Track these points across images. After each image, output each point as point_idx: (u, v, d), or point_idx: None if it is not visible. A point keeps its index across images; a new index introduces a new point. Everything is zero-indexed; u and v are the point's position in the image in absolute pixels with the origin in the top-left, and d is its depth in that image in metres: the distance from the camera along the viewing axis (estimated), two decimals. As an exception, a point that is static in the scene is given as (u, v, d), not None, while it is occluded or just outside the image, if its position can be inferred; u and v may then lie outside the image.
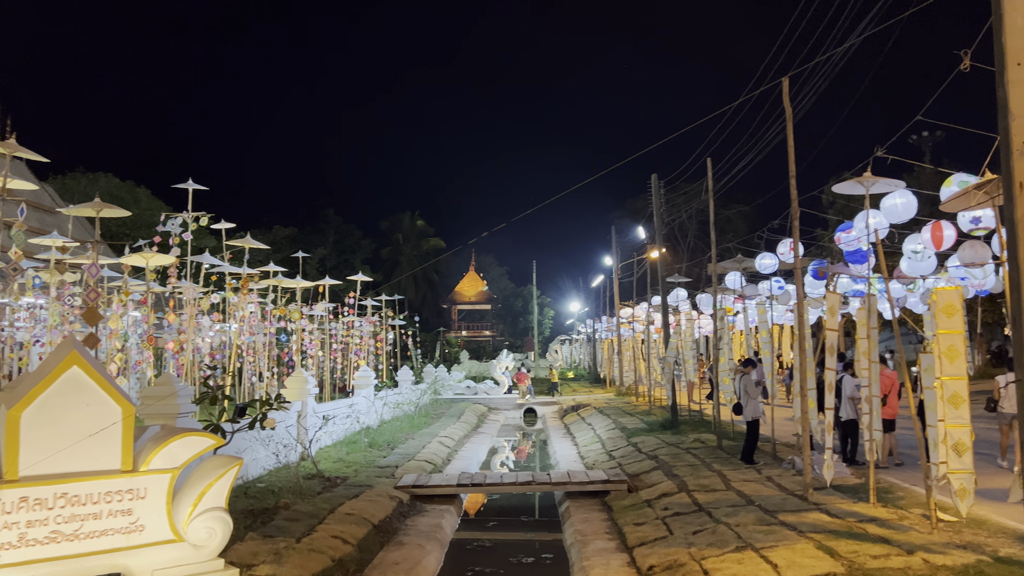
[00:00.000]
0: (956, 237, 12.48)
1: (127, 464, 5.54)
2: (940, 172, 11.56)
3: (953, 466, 8.10)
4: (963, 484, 8.13)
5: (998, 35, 5.48)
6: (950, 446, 8.11)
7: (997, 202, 7.66)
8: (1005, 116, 5.41)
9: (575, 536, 10.56)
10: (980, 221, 10.82)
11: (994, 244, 12.04)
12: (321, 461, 14.57)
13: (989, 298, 25.48)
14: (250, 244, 19.30)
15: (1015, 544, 7.62)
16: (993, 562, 7.01)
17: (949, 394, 8.13)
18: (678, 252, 53.25)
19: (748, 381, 13.86)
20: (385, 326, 31.28)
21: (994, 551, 7.44)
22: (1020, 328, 5.32)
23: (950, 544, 7.72)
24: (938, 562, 7.04)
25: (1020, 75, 5.40)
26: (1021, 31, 5.43)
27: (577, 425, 24.69)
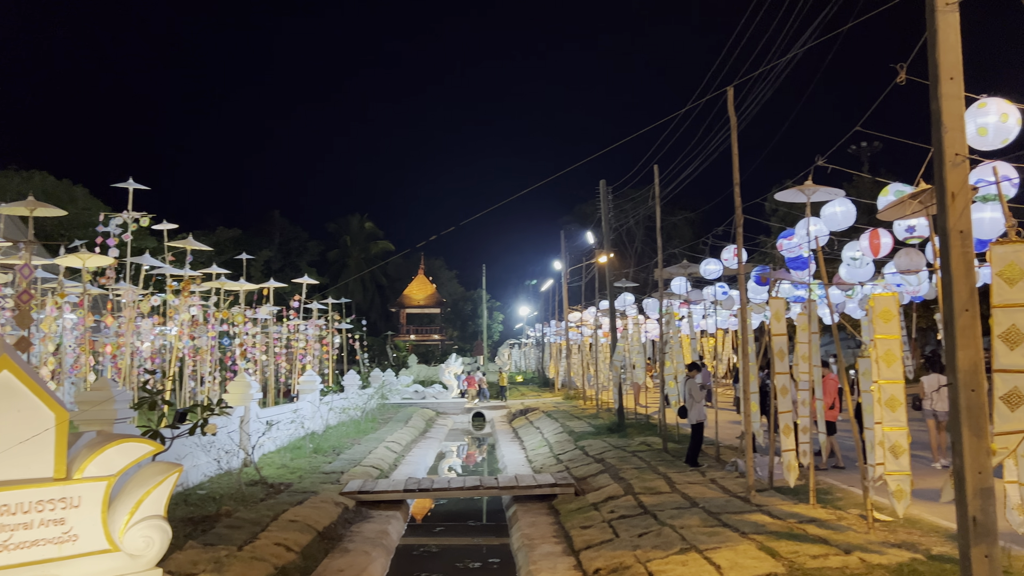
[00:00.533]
0: (892, 245, 12.84)
1: (60, 472, 5.35)
2: (878, 182, 11.89)
3: (890, 468, 8.33)
4: (900, 485, 8.36)
5: (932, 50, 5.67)
6: (887, 448, 8.34)
7: (931, 211, 7.91)
8: (938, 128, 5.59)
9: (522, 540, 10.56)
10: (915, 230, 11.15)
11: (928, 252, 12.45)
12: (264, 467, 14.30)
13: (923, 304, 26.34)
14: (192, 245, 18.87)
15: (947, 542, 7.88)
16: (926, 560, 7.23)
17: (886, 397, 8.36)
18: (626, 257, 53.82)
19: (693, 385, 14.06)
20: (331, 330, 30.87)
21: (927, 550, 7.68)
22: (952, 333, 5.50)
23: (886, 543, 7.94)
24: (874, 561, 7.24)
25: (953, 89, 5.59)
26: (954, 47, 5.62)
27: (525, 429, 24.73)
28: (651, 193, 18.28)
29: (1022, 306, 5.52)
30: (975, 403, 5.38)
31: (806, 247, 11.69)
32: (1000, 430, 5.56)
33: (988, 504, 5.30)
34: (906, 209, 8.06)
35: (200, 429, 9.15)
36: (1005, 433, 5.55)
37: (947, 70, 5.59)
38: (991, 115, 7.92)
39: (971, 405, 5.38)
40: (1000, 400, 5.56)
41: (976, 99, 7.97)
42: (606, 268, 24.05)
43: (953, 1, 5.62)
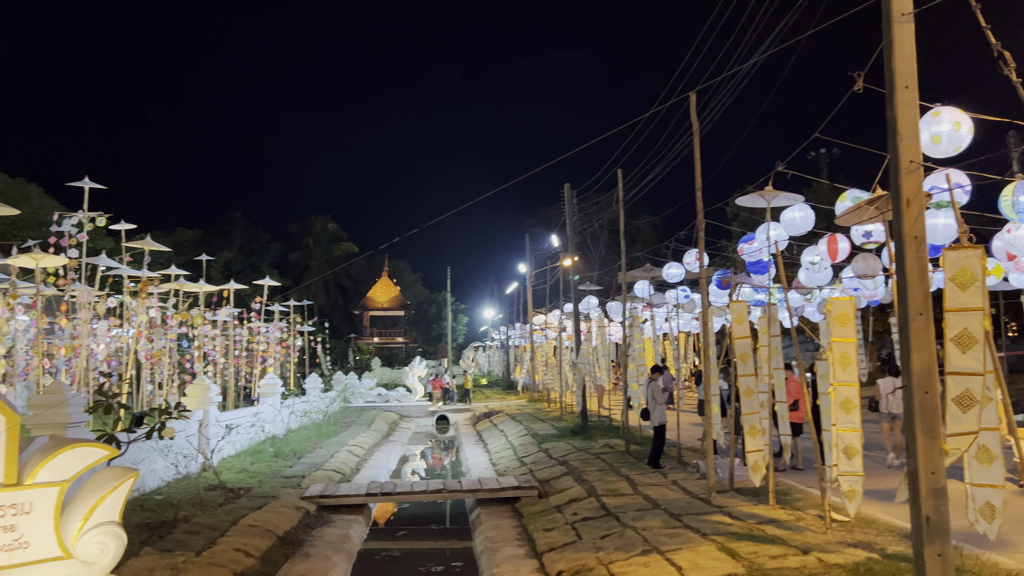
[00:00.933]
0: (850, 250, 13.10)
1: (11, 477, 5.21)
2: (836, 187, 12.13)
3: (843, 468, 8.49)
4: (852, 486, 8.53)
5: (888, 60, 5.79)
6: (841, 449, 8.50)
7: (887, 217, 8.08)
8: (894, 136, 5.72)
9: (485, 543, 10.55)
10: (871, 235, 11.39)
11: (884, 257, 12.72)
12: (224, 472, 14.09)
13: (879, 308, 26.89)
14: (150, 246, 18.52)
15: (902, 542, 8.04)
16: (882, 559, 7.37)
17: (841, 399, 8.52)
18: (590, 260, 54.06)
19: (655, 387, 14.17)
20: (293, 332, 30.53)
21: (883, 549, 7.84)
22: (907, 337, 5.62)
23: (843, 543, 8.08)
24: (831, 560, 7.36)
25: (908, 97, 5.72)
26: (909, 56, 5.75)
27: (489, 432, 24.71)
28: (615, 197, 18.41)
29: (974, 310, 5.66)
30: (929, 405, 5.50)
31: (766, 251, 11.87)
32: (952, 431, 5.70)
33: (941, 504, 5.42)
34: (863, 215, 8.22)
35: (157, 433, 8.97)
36: (957, 434, 5.69)
37: (902, 79, 5.72)
38: (945, 123, 8.13)
39: (925, 407, 5.50)
40: (952, 402, 5.70)
41: (930, 108, 8.17)
42: (570, 271, 24.15)
43: (908, 12, 5.75)
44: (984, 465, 5.94)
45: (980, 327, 5.61)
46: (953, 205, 6.58)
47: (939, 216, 9.72)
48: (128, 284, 18.46)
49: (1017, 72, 5.96)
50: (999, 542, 8.02)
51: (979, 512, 6.04)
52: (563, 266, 31.68)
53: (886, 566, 7.10)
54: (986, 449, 5.83)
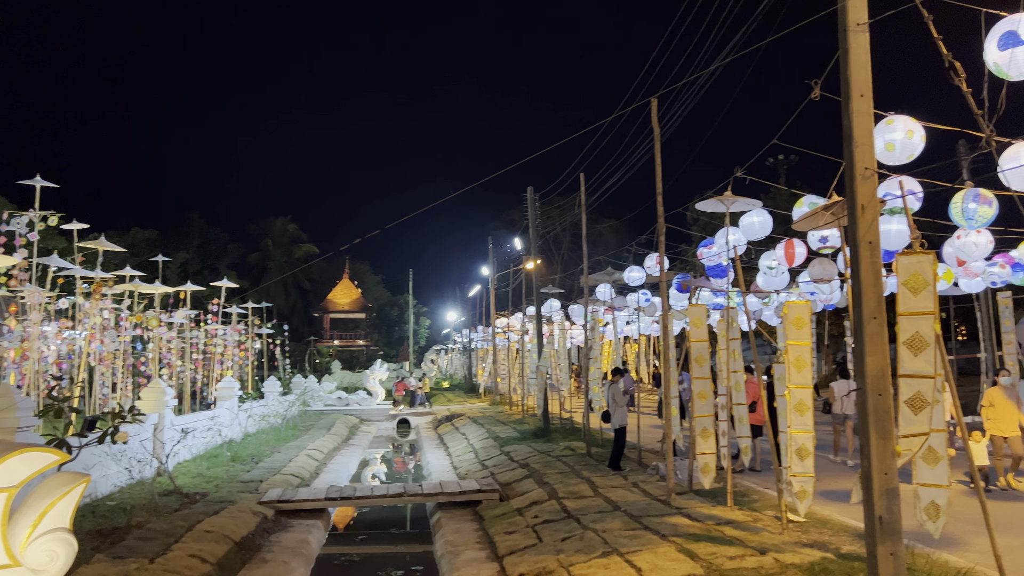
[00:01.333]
0: (806, 254, 13.34)
1: (-46, 484, 5.04)
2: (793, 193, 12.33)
3: (796, 469, 8.64)
4: (803, 486, 8.69)
5: (844, 68, 5.91)
6: (794, 451, 8.64)
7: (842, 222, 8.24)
8: (850, 143, 5.84)
9: (446, 547, 10.50)
10: (827, 240, 11.61)
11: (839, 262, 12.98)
12: (179, 476, 13.83)
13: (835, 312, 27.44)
14: (104, 246, 18.12)
15: (856, 541, 8.20)
16: (836, 559, 7.51)
17: (796, 402, 8.66)
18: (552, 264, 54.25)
19: (616, 390, 14.26)
20: (251, 335, 30.10)
21: (837, 548, 7.98)
22: (861, 340, 5.73)
23: (799, 543, 8.20)
24: (787, 561, 7.47)
25: (863, 106, 5.84)
26: (864, 65, 5.88)
27: (451, 435, 24.63)
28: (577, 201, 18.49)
29: (925, 314, 5.80)
30: (882, 407, 5.62)
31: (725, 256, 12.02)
32: (905, 433, 5.82)
33: (893, 504, 5.54)
34: (819, 220, 8.37)
35: (110, 437, 8.77)
36: (909, 435, 5.82)
37: (858, 87, 5.85)
38: (898, 131, 8.32)
39: (878, 409, 5.61)
40: (905, 404, 5.82)
41: (884, 116, 8.36)
42: (533, 274, 24.21)
43: (864, 22, 5.88)
44: (930, 465, 6.08)
45: (931, 331, 5.75)
46: (906, 211, 6.73)
47: (892, 222, 9.95)
48: (81, 285, 18.03)
49: (967, 83, 6.12)
50: (949, 541, 8.23)
51: (924, 511, 6.18)
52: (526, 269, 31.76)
53: (840, 565, 7.24)
54: (932, 450, 5.97)
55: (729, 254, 10.97)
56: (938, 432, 6.01)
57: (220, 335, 26.01)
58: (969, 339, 37.39)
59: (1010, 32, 6.40)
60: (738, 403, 11.47)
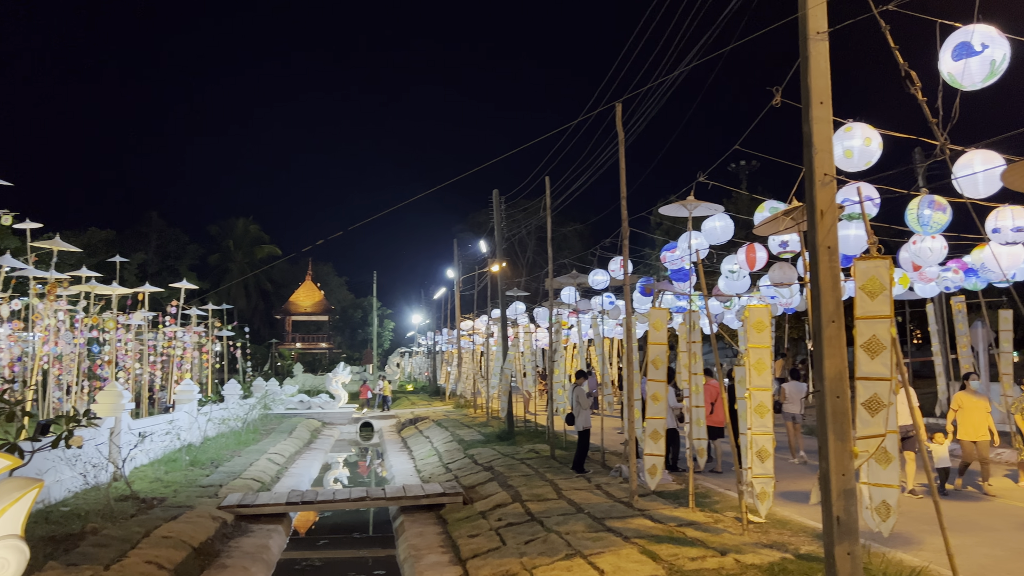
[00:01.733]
0: (767, 259, 13.54)
1: (-102, 490, 4.88)
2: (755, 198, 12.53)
3: (757, 471, 8.76)
4: (764, 488, 8.80)
5: (804, 76, 6.01)
6: (755, 452, 8.76)
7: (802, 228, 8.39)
8: (809, 149, 5.93)
9: (409, 551, 10.44)
10: (787, 245, 11.80)
11: (799, 266, 13.19)
12: (136, 481, 13.56)
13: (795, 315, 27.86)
14: (59, 246, 17.71)
15: (815, 542, 8.33)
16: (795, 559, 7.62)
17: (756, 404, 8.78)
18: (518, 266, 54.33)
19: (580, 392, 14.32)
20: (211, 337, 29.65)
21: (796, 549, 8.10)
22: (820, 343, 5.83)
23: (759, 544, 8.31)
24: (748, 561, 7.56)
25: (823, 113, 5.95)
26: (823, 73, 5.99)
27: (415, 439, 24.52)
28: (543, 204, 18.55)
29: (882, 318, 5.91)
30: (840, 409, 5.71)
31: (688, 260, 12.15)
32: (862, 434, 5.93)
33: (851, 504, 5.64)
34: (780, 225, 8.51)
35: (64, 442, 8.56)
36: (866, 437, 5.93)
37: (817, 95, 5.95)
38: (856, 138, 8.48)
39: (836, 411, 5.71)
40: (862, 406, 5.93)
41: (843, 123, 8.51)
42: (498, 277, 24.21)
43: (823, 31, 5.99)
44: (882, 466, 6.20)
45: (888, 334, 5.86)
46: (863, 217, 6.87)
47: (850, 227, 10.13)
48: (35, 286, 17.61)
49: (923, 92, 6.26)
50: (904, 540, 8.40)
51: (875, 511, 6.30)
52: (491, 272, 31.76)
53: (799, 565, 7.34)
54: (884, 451, 6.09)
55: (691, 258, 11.09)
56: (892, 434, 6.14)
57: (179, 337, 25.58)
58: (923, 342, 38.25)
59: (964, 43, 6.57)
60: (697, 405, 11.59)
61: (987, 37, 6.50)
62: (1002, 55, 6.52)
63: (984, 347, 18.79)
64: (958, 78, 6.64)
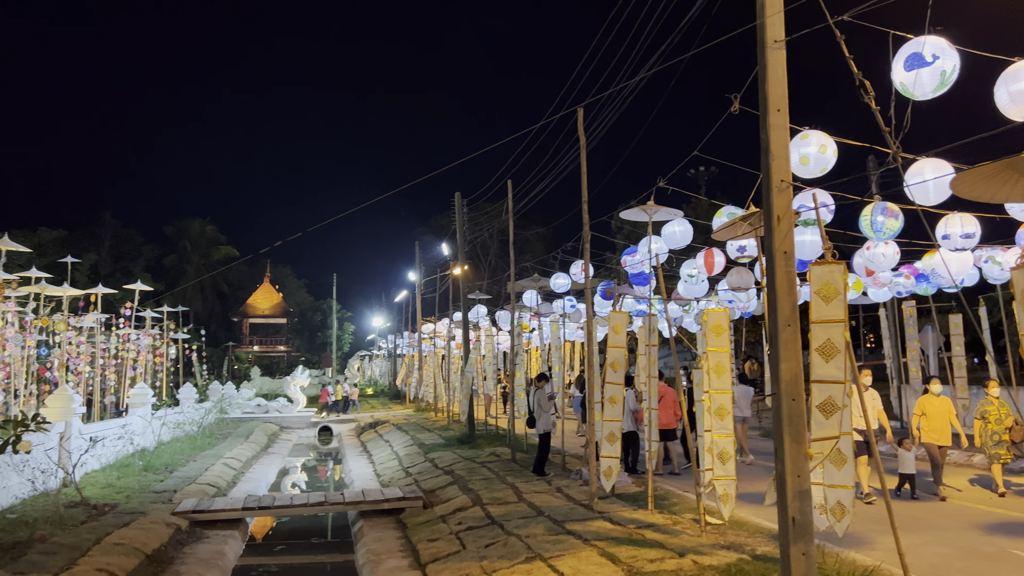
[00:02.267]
0: (725, 263, 13.73)
1: None
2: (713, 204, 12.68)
3: (718, 473, 8.85)
4: (726, 489, 8.90)
5: (762, 84, 6.10)
6: (715, 454, 8.85)
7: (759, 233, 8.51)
8: (767, 156, 6.02)
9: (368, 556, 10.35)
10: (745, 250, 11.97)
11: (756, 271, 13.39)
12: (87, 487, 13.23)
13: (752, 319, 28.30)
14: (8, 246, 17.22)
15: (771, 542, 8.44)
16: (752, 560, 7.72)
17: (716, 406, 8.88)
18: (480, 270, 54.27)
19: (542, 395, 14.34)
20: (166, 340, 29.09)
21: (752, 550, 8.20)
22: (776, 346, 5.92)
23: (716, 545, 8.40)
24: (705, 562, 7.64)
25: (780, 120, 6.04)
26: (780, 81, 6.08)
27: (374, 443, 24.33)
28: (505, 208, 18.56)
29: (836, 322, 6.03)
30: (796, 411, 5.80)
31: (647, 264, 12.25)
32: (817, 436, 6.03)
33: (806, 505, 5.73)
34: (737, 230, 8.62)
35: (12, 447, 8.34)
36: (821, 439, 6.03)
37: (775, 102, 6.04)
38: (812, 146, 8.64)
39: (792, 413, 5.80)
40: (816, 409, 6.04)
41: (799, 131, 8.67)
42: (460, 280, 24.15)
43: (781, 40, 6.09)
44: (837, 467, 6.32)
45: (842, 338, 5.98)
46: (819, 223, 6.99)
47: (806, 233, 10.32)
48: (-19, 287, 17.07)
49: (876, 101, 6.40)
50: (857, 540, 8.56)
51: (831, 511, 6.41)
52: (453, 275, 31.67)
53: (756, 566, 7.44)
54: (839, 452, 6.20)
55: (651, 262, 11.19)
56: (846, 435, 6.25)
57: (133, 340, 25.04)
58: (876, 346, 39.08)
59: (915, 54, 6.74)
60: (652, 408, 11.69)
61: (938, 48, 6.68)
62: (952, 66, 6.71)
63: (934, 351, 19.27)
64: (910, 88, 6.81)
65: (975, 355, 31.38)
